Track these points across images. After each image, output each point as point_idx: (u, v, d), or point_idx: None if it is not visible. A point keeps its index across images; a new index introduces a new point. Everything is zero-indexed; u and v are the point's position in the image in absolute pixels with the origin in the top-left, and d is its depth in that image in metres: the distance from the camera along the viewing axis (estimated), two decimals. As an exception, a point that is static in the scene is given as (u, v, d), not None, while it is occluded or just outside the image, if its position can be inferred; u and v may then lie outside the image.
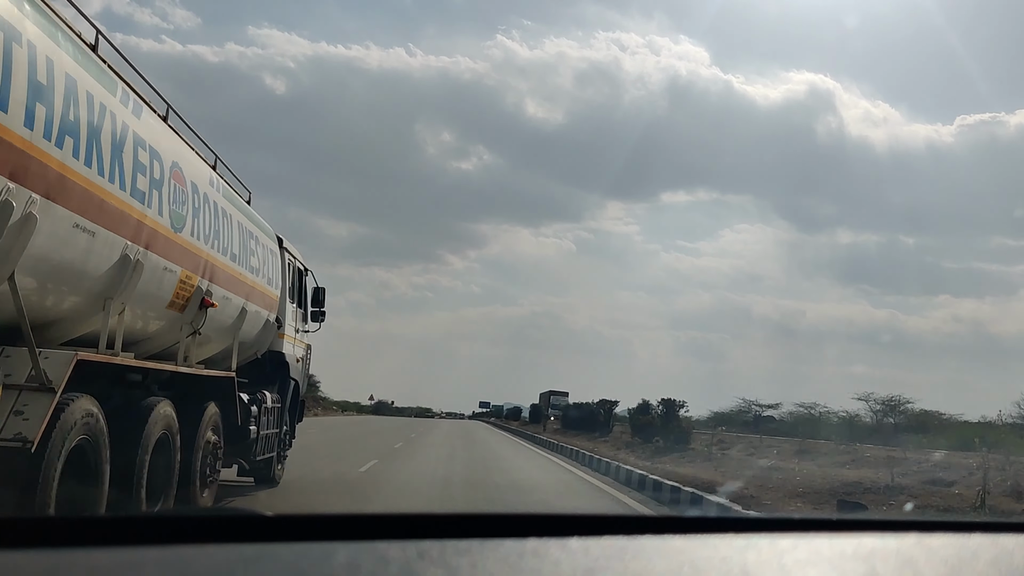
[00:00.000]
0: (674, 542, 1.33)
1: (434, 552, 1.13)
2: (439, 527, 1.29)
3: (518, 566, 1.12)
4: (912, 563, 1.30)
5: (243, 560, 1.10)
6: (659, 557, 1.23)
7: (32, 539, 1.12)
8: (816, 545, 1.39)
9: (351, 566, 1.07)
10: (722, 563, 1.22)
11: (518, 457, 23.48)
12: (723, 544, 1.34)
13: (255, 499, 9.95)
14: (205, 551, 1.14)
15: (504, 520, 1.35)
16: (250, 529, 1.24)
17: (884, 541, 1.44)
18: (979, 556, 1.37)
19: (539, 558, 1.16)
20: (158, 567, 1.06)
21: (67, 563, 1.05)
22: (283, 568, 1.05)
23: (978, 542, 1.47)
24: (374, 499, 10.73)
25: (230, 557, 1.11)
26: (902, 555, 1.35)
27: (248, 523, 1.26)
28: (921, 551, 1.39)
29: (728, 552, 1.29)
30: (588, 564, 1.15)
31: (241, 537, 1.19)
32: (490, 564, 1.12)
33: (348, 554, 1.12)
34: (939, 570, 1.28)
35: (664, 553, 1.26)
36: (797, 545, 1.37)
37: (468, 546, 1.18)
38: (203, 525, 1.23)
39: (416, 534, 1.22)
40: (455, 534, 1.23)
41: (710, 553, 1.28)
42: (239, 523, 1.26)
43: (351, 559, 1.10)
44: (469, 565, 1.10)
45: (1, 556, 1.05)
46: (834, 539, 1.43)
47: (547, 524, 1.34)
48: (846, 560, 1.29)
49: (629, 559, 1.20)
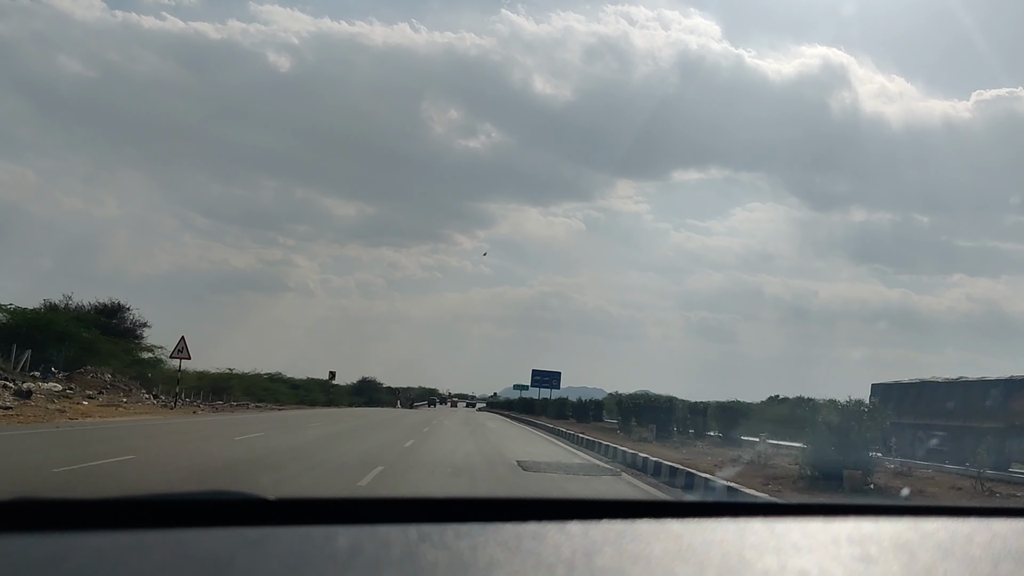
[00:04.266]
0: (672, 526, 1.34)
1: (435, 535, 1.14)
2: (440, 511, 1.30)
3: (518, 549, 1.14)
4: (907, 547, 1.32)
5: (246, 543, 1.11)
6: (657, 541, 1.24)
7: (35, 522, 1.13)
8: (812, 529, 1.41)
9: (353, 549, 1.09)
10: (719, 547, 1.24)
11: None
12: (720, 528, 1.35)
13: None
14: (208, 534, 1.15)
15: (504, 504, 1.37)
16: (252, 512, 1.25)
17: (879, 525, 1.45)
18: (973, 540, 1.38)
19: (539, 541, 1.17)
20: (161, 550, 1.07)
21: (70, 546, 1.06)
22: (285, 551, 1.06)
23: (972, 526, 1.49)
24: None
25: (232, 540, 1.12)
26: (897, 539, 1.36)
27: (250, 506, 1.27)
28: (916, 535, 1.41)
29: (725, 536, 1.30)
30: (587, 547, 1.17)
31: (243, 520, 1.20)
32: (490, 547, 1.13)
33: (350, 537, 1.13)
34: (933, 554, 1.30)
35: (662, 537, 1.27)
36: (793, 529, 1.39)
37: (468, 529, 1.19)
38: (205, 508, 1.25)
39: (417, 518, 1.23)
40: (456, 518, 1.24)
41: (707, 537, 1.29)
42: (241, 506, 1.27)
43: (353, 542, 1.11)
44: (470, 548, 1.11)
45: (5, 540, 1.06)
46: (830, 523, 1.45)
47: (546, 508, 1.36)
48: (841, 544, 1.31)
49: (627, 543, 1.21)
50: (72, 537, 1.09)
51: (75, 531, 1.11)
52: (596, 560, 1.12)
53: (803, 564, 1.19)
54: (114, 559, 1.03)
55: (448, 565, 1.05)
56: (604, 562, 1.12)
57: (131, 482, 9.94)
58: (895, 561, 1.24)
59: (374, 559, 1.06)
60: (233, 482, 10.20)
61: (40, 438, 16.25)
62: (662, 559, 1.16)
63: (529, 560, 1.09)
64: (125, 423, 23.05)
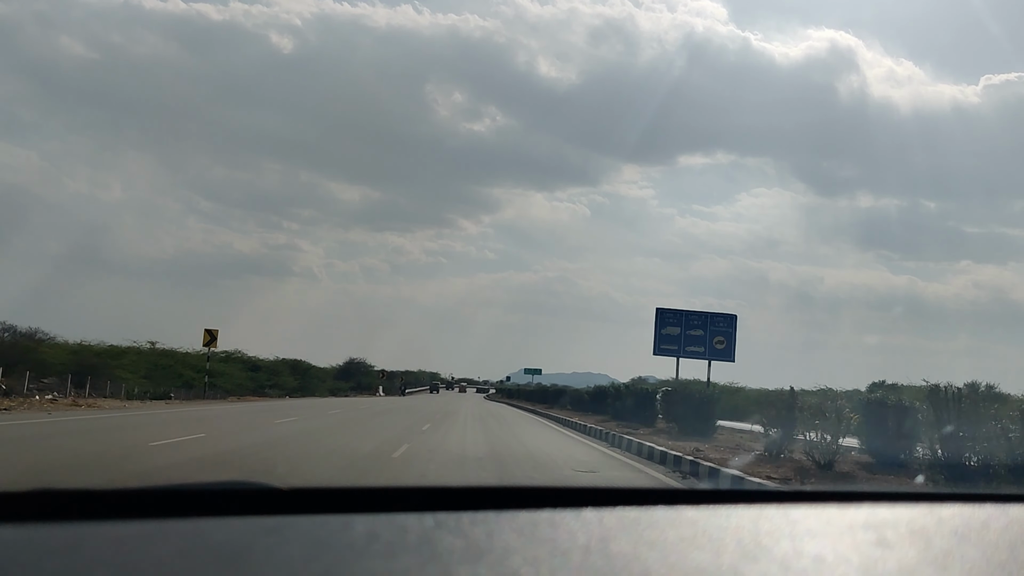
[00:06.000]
0: (687, 513, 1.34)
1: (451, 522, 1.15)
2: (455, 498, 1.31)
3: (533, 536, 1.14)
4: (923, 533, 1.32)
5: (263, 531, 1.12)
6: (672, 528, 1.24)
7: (53, 512, 1.14)
8: (828, 515, 1.40)
9: (370, 536, 1.09)
10: (735, 533, 1.24)
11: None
12: (735, 515, 1.35)
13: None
14: (225, 523, 1.16)
15: (519, 492, 1.37)
16: (267, 502, 1.26)
17: (895, 511, 1.45)
18: (989, 526, 1.38)
19: (554, 528, 1.17)
20: (178, 538, 1.08)
21: (88, 535, 1.07)
22: (302, 538, 1.07)
23: (989, 512, 1.48)
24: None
25: (249, 528, 1.13)
26: (913, 525, 1.36)
27: (265, 496, 1.28)
28: (932, 521, 1.40)
29: (741, 523, 1.30)
30: (602, 534, 1.17)
31: (259, 510, 1.22)
32: (506, 534, 1.14)
33: (366, 524, 1.14)
34: (950, 540, 1.29)
35: (677, 524, 1.27)
36: (809, 515, 1.39)
37: (484, 517, 1.20)
38: (221, 498, 1.26)
39: (433, 505, 1.24)
40: (471, 505, 1.25)
41: (723, 523, 1.29)
42: (256, 496, 1.28)
43: (369, 529, 1.12)
44: (485, 535, 1.12)
45: (24, 530, 1.07)
46: (846, 509, 1.44)
47: (561, 496, 1.36)
48: (857, 530, 1.31)
49: (643, 529, 1.22)
50: (90, 526, 1.10)
51: (91, 521, 1.12)
52: (611, 546, 1.12)
53: (819, 550, 1.19)
54: (131, 547, 1.04)
55: (464, 551, 1.06)
56: (619, 548, 1.12)
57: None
58: (911, 547, 1.24)
59: (391, 545, 1.07)
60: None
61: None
62: (677, 545, 1.16)
63: (545, 547, 1.10)
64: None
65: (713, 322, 31.13)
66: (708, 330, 30.76)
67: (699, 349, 30.75)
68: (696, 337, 30.78)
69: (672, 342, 30.95)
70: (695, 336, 30.80)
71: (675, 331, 30.90)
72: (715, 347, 30.76)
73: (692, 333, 30.81)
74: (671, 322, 31.21)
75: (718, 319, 31.37)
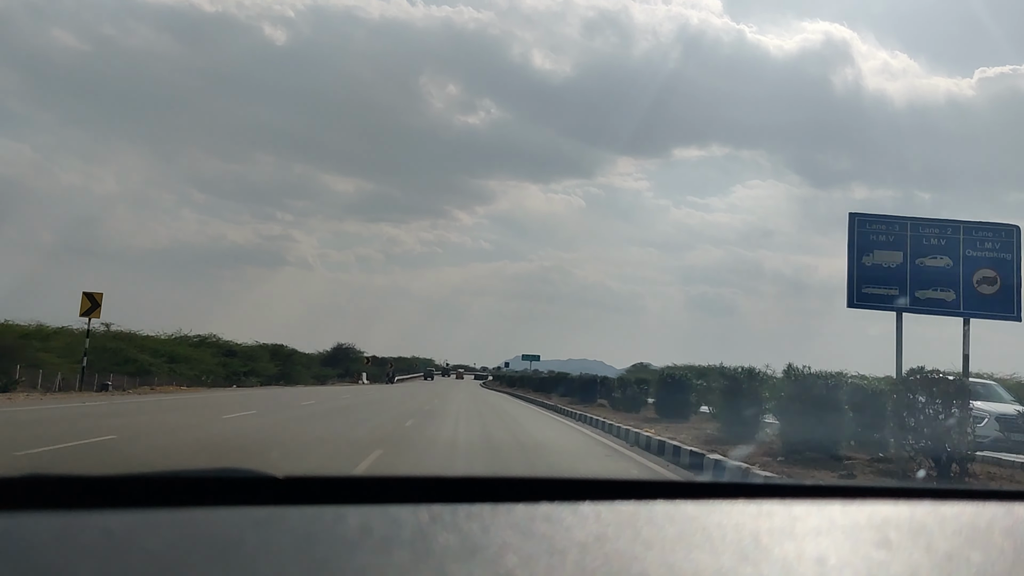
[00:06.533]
0: (686, 508, 1.32)
1: (446, 516, 1.13)
2: (451, 490, 1.29)
3: (529, 530, 1.12)
4: (925, 531, 1.29)
5: (254, 522, 1.10)
6: (671, 523, 1.22)
7: (43, 500, 1.12)
8: (830, 512, 1.38)
9: (363, 529, 1.07)
10: (735, 529, 1.21)
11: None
12: (736, 510, 1.33)
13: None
14: (216, 513, 1.14)
15: (516, 484, 1.35)
16: (261, 491, 1.24)
17: (898, 509, 1.43)
18: (994, 525, 1.35)
19: (551, 523, 1.15)
20: (169, 528, 1.06)
21: (79, 524, 1.05)
22: (294, 531, 1.05)
23: (993, 511, 1.46)
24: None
25: (240, 519, 1.11)
26: (915, 523, 1.34)
27: (258, 485, 1.26)
28: (935, 519, 1.38)
29: (741, 518, 1.28)
30: (600, 529, 1.15)
31: (251, 500, 1.20)
32: (502, 528, 1.11)
33: (360, 517, 1.11)
34: (953, 539, 1.27)
35: (676, 519, 1.25)
36: (810, 512, 1.36)
37: (480, 510, 1.17)
38: (213, 487, 1.24)
39: (428, 498, 1.22)
40: (467, 498, 1.22)
41: (723, 519, 1.27)
42: (249, 485, 1.26)
43: (363, 522, 1.09)
44: (481, 529, 1.10)
45: (14, 517, 1.05)
46: (848, 506, 1.42)
47: (559, 488, 1.34)
48: (859, 528, 1.28)
49: (641, 524, 1.20)
50: (80, 515, 1.08)
51: (80, 510, 1.10)
52: (609, 545, 1.10)
53: (821, 550, 1.16)
54: (122, 537, 1.02)
55: (459, 548, 1.03)
56: (617, 547, 1.10)
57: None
58: (914, 547, 1.22)
59: (384, 539, 1.04)
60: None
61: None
62: (676, 543, 1.14)
63: (542, 544, 1.07)
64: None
65: (971, 242, 15.73)
66: (961, 257, 15.64)
67: (945, 295, 15.65)
68: (938, 271, 15.66)
69: (888, 281, 15.68)
70: (936, 268, 15.68)
71: (895, 258, 15.73)
72: (977, 290, 15.58)
73: (930, 263, 15.70)
74: (885, 241, 15.81)
75: (983, 233, 15.79)
